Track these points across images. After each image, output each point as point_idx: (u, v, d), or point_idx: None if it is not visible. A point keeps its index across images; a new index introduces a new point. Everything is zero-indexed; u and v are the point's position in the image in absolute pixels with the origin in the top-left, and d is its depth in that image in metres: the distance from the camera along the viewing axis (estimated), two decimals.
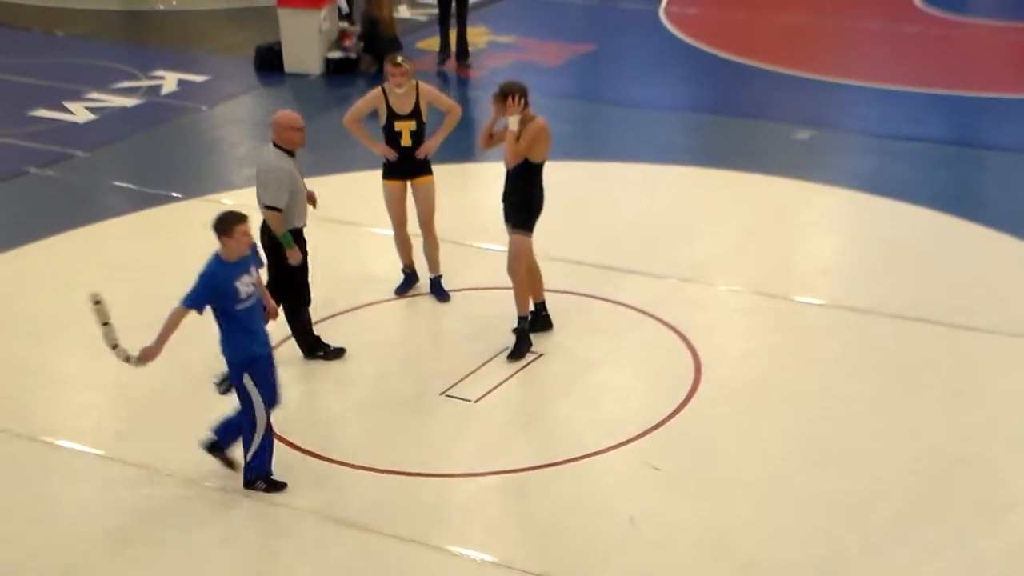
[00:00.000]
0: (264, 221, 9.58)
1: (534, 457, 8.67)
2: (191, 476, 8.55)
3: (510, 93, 9.59)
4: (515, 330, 9.85)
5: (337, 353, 9.97)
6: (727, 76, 17.45)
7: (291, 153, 9.56)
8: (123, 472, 8.69)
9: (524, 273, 9.89)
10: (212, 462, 8.61)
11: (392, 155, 10.57)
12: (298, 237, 9.69)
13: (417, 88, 10.52)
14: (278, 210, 9.45)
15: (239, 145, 15.43)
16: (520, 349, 9.81)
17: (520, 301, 9.87)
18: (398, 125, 10.51)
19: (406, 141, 10.54)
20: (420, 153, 10.61)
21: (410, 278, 10.99)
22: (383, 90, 10.53)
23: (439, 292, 10.84)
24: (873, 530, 7.89)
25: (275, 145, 9.55)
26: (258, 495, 8.30)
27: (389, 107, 10.50)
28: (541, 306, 10.14)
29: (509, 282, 9.93)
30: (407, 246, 10.92)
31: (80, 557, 7.90)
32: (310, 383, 9.83)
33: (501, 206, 9.95)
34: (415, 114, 10.51)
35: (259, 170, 9.62)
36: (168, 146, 15.22)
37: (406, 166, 10.62)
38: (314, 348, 9.96)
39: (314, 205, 9.86)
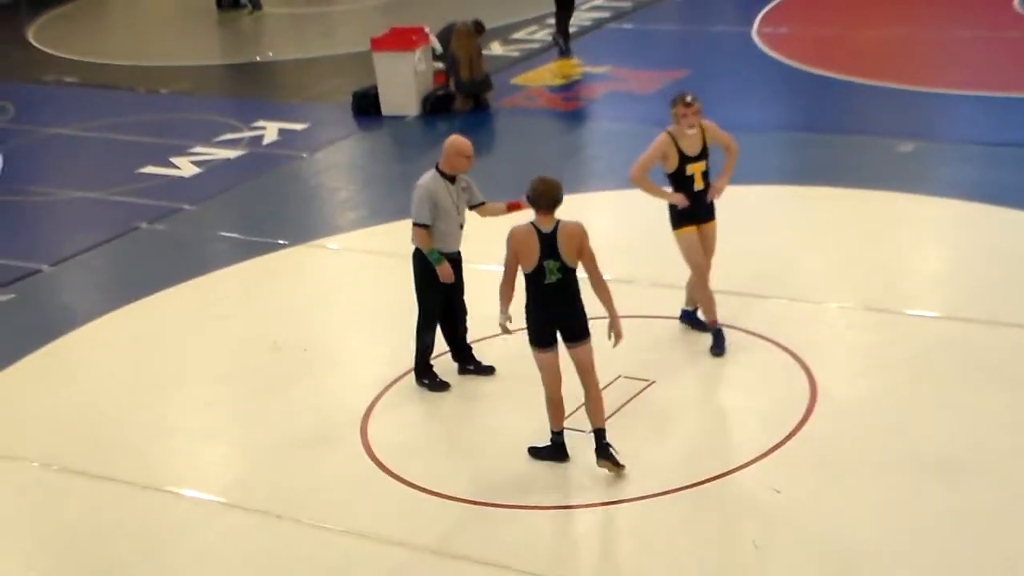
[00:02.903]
0: (417, 251, 9.87)
1: (653, 485, 8.59)
2: (311, 520, 8.62)
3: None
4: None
5: (442, 386, 10.06)
6: (824, 93, 17.31)
7: (452, 179, 9.75)
8: (245, 519, 8.78)
9: None
10: (331, 501, 8.69)
11: (686, 203, 9.99)
12: (450, 265, 9.89)
13: (701, 126, 10.00)
14: (422, 226, 9.68)
15: (341, 190, 15.61)
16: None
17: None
18: (690, 168, 9.94)
19: (699, 184, 10.00)
20: (712, 196, 10.08)
21: (720, 335, 10.30)
22: (670, 135, 9.95)
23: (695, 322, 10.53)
24: (1012, 548, 7.67)
25: (437, 169, 9.78)
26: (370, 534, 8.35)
27: (680, 151, 9.94)
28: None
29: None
30: (712, 297, 10.23)
31: None
32: (418, 416, 9.89)
33: (550, 321, 8.70)
34: (704, 154, 9.98)
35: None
36: (272, 194, 15.44)
37: (701, 210, 10.07)
38: (421, 375, 10.11)
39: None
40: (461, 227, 9.93)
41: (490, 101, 18.01)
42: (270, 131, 17.57)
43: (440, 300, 9.97)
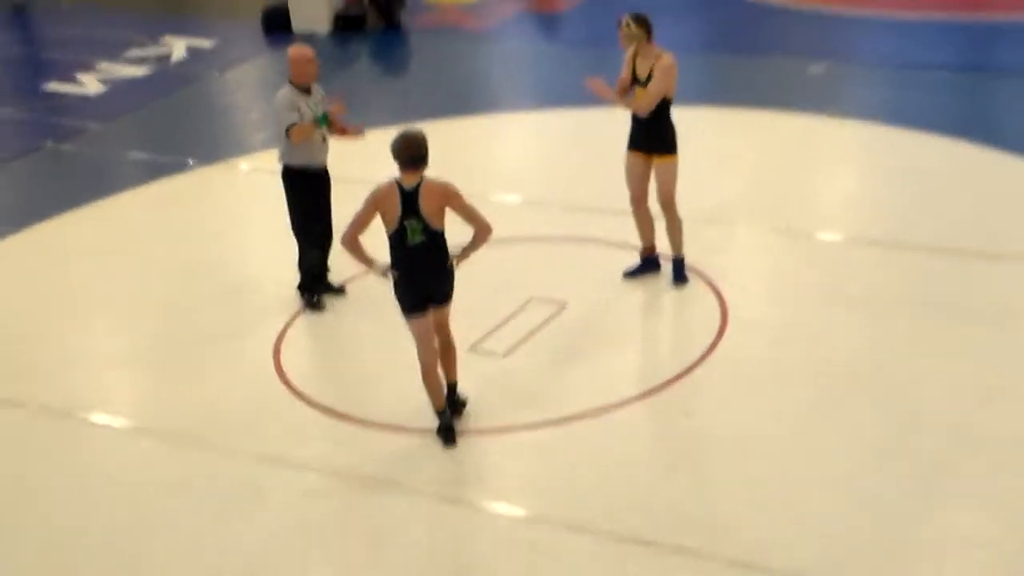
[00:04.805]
0: (283, 169, 9.92)
1: (565, 409, 8.64)
2: (224, 445, 8.59)
3: None
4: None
5: (337, 290, 10.16)
6: (737, 15, 17.34)
7: (307, 91, 9.70)
8: (157, 444, 8.72)
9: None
10: (243, 426, 8.67)
11: (621, 105, 9.66)
12: (317, 179, 9.87)
13: (657, 57, 9.55)
14: (292, 126, 9.63)
15: (251, 109, 15.41)
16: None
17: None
18: (638, 91, 9.65)
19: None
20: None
21: (647, 264, 10.14)
22: (635, 50, 9.64)
23: (679, 274, 10.02)
24: (915, 464, 7.83)
25: (290, 83, 9.77)
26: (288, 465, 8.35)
27: (633, 68, 9.68)
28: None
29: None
30: (644, 224, 10.07)
31: (114, 528, 7.91)
32: (332, 340, 9.88)
33: (420, 286, 8.19)
34: (648, 83, 9.58)
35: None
36: (181, 114, 15.21)
37: (638, 136, 9.74)
38: (310, 289, 10.10)
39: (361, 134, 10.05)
40: (325, 140, 9.93)
41: (403, 20, 17.81)
42: (178, 48, 17.27)
43: (318, 215, 9.96)
